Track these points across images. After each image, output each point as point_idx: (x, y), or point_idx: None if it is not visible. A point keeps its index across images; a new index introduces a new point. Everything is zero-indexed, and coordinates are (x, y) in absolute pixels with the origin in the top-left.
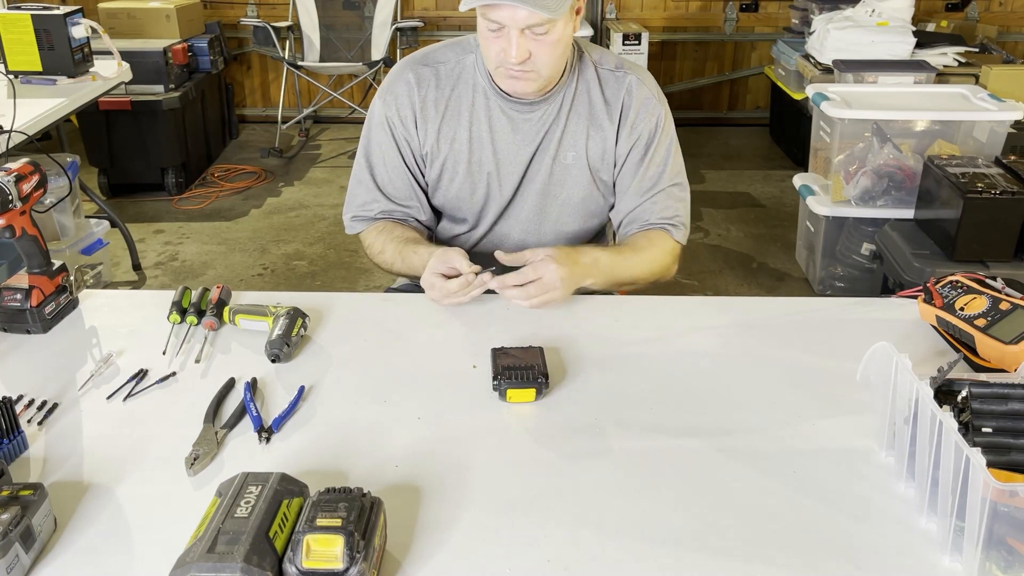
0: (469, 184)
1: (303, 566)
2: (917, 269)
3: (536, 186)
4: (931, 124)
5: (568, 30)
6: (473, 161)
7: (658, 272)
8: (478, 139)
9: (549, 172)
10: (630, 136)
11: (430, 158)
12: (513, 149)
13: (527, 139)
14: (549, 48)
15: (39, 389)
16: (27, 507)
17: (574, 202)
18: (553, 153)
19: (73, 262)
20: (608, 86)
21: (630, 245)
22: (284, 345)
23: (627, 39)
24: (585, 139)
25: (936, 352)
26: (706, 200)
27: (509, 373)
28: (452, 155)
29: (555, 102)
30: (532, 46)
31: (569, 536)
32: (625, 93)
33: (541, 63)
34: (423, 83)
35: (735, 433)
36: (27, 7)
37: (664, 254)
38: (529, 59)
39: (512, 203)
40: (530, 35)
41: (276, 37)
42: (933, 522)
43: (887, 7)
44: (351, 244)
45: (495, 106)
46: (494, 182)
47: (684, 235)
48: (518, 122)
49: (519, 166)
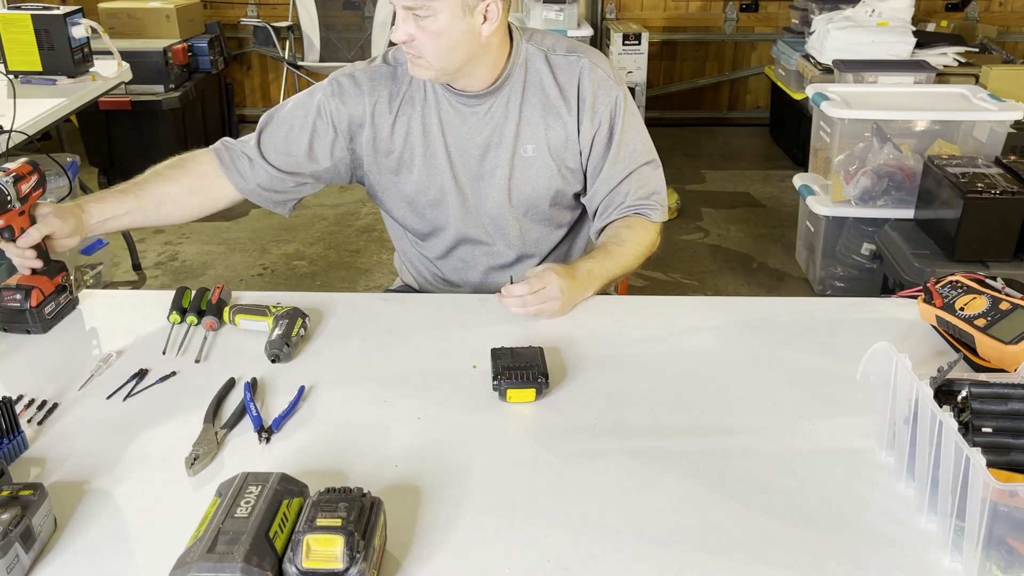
0: (426, 176)
1: (303, 566)
2: (917, 269)
3: (498, 181)
4: (931, 124)
5: (458, 26)
6: (428, 154)
7: (645, 254)
8: (429, 132)
9: (510, 167)
10: (592, 122)
11: (387, 152)
12: (464, 140)
13: (476, 131)
14: (432, 37)
15: (39, 389)
16: (27, 507)
17: (540, 194)
18: (511, 147)
19: (73, 262)
20: (561, 71)
21: (614, 240)
22: (284, 345)
23: (627, 39)
24: (544, 130)
25: (936, 352)
26: (706, 200)
27: (509, 373)
28: (408, 148)
29: (503, 95)
30: (414, 29)
31: (569, 536)
32: (579, 77)
33: (426, 50)
34: (373, 88)
35: (735, 433)
36: (27, 7)
37: (646, 235)
38: (414, 42)
39: (474, 198)
40: (413, 17)
41: (276, 37)
42: (933, 522)
43: (887, 7)
44: (351, 244)
45: (443, 99)
46: (447, 175)
47: (662, 213)
48: (466, 114)
49: (473, 159)
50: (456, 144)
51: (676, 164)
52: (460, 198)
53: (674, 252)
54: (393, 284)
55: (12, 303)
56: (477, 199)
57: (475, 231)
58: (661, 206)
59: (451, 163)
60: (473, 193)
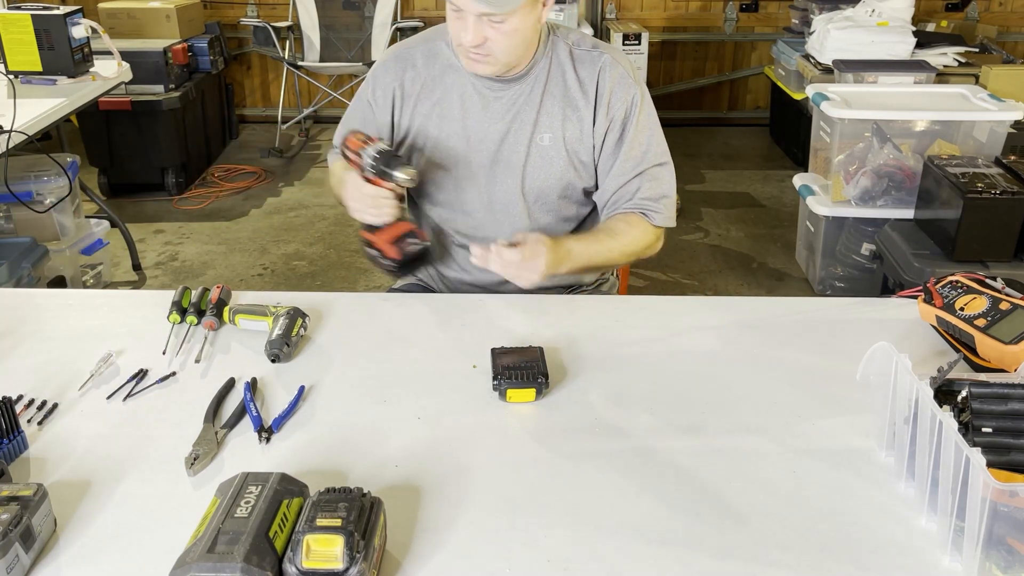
0: (440, 160)
1: (303, 566)
2: (917, 269)
3: (513, 168)
4: (931, 124)
5: (528, 20)
6: (443, 136)
7: (637, 253)
8: (449, 115)
9: (526, 154)
10: (606, 117)
11: (403, 133)
12: (483, 126)
13: (497, 117)
14: (505, 36)
15: (39, 389)
16: (27, 507)
17: (551, 184)
18: (529, 134)
19: (73, 262)
20: (583, 66)
21: (606, 230)
22: (284, 345)
23: (627, 39)
24: (562, 121)
25: (936, 352)
26: (706, 200)
27: (509, 373)
28: (424, 130)
29: (527, 82)
30: (489, 32)
31: (569, 536)
32: (599, 73)
33: (497, 49)
34: (403, 66)
35: (735, 433)
36: (27, 7)
37: (643, 235)
38: (485, 43)
39: (486, 184)
40: (487, 21)
41: (276, 37)
42: (933, 522)
43: (887, 7)
44: (351, 244)
45: (467, 83)
46: (463, 160)
47: (668, 216)
48: (489, 99)
49: (490, 144)
50: (475, 127)
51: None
52: (470, 183)
53: (674, 252)
54: (396, 283)
55: (414, 246)
56: (489, 185)
57: (484, 216)
58: (667, 211)
59: (467, 147)
60: (485, 179)
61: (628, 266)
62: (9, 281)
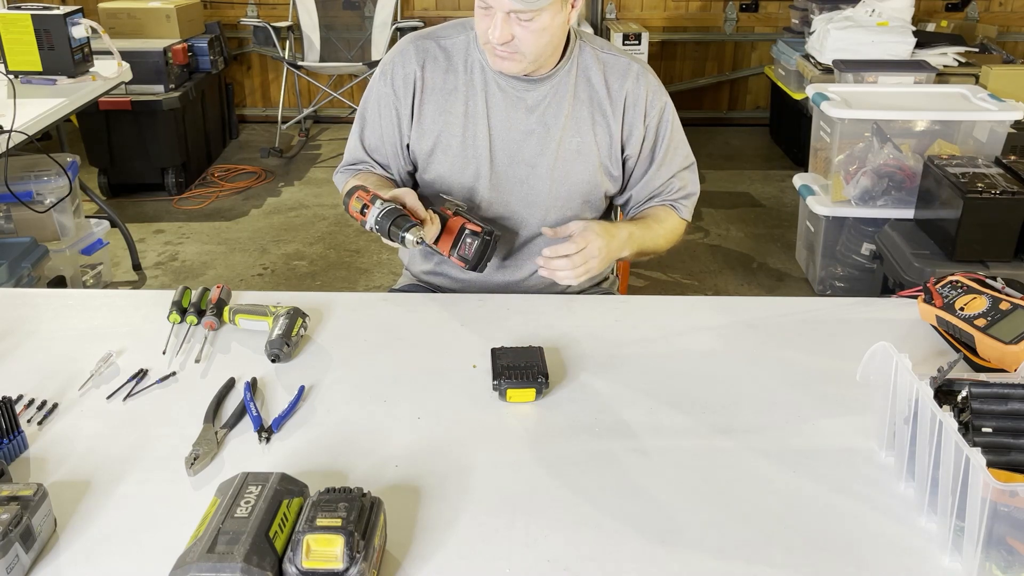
0: (461, 159)
1: (303, 566)
2: (917, 269)
3: (538, 169)
4: (931, 124)
5: (557, 19)
6: (467, 135)
7: (672, 241)
8: (473, 113)
9: (554, 156)
10: (642, 124)
11: (424, 130)
12: (507, 124)
13: (522, 116)
14: (533, 35)
15: (39, 389)
16: (27, 507)
17: (577, 188)
18: (556, 137)
19: (73, 262)
20: (612, 72)
21: (654, 217)
22: (284, 345)
23: (627, 39)
24: (591, 125)
25: (936, 352)
26: (706, 200)
27: (509, 373)
28: (447, 128)
29: (553, 84)
30: (516, 30)
31: (569, 536)
32: (633, 81)
33: (525, 47)
34: (424, 56)
35: (735, 433)
36: (27, 7)
37: (677, 225)
38: (513, 41)
39: (505, 183)
40: (515, 19)
41: (276, 37)
42: (933, 522)
43: (887, 7)
44: (351, 244)
45: (492, 81)
46: (484, 158)
47: (690, 214)
48: (514, 99)
49: (514, 143)
50: (499, 126)
51: None
52: (490, 183)
53: (674, 252)
54: (397, 283)
55: (473, 241)
56: (510, 184)
57: (500, 215)
58: (691, 207)
59: (491, 147)
60: (507, 178)
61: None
62: (9, 281)
